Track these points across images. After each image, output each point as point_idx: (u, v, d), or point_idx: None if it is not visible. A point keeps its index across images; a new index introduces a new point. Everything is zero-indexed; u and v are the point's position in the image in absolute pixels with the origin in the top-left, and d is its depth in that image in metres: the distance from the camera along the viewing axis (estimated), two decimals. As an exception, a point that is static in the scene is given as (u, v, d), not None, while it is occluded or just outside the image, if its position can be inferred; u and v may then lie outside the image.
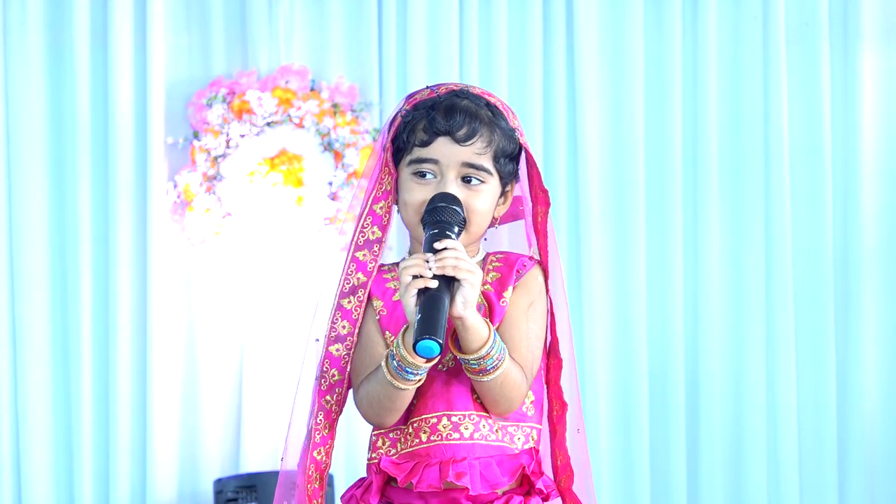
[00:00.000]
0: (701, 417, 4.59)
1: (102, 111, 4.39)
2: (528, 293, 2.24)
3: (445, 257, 2.10)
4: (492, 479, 2.18)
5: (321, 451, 2.28)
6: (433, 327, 2.05)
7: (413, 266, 2.10)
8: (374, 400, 2.19)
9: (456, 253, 2.11)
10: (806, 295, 4.63)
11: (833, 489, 4.62)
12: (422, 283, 2.08)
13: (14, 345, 4.40)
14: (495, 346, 2.13)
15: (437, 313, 2.06)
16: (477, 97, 2.23)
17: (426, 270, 2.09)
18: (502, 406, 2.20)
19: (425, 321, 2.05)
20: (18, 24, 4.39)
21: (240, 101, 4.34)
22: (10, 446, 4.40)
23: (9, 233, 4.40)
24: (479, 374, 2.15)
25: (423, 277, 2.08)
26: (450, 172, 2.21)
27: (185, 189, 4.33)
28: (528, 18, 4.54)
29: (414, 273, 2.09)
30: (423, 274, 2.09)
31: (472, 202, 2.21)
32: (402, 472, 2.20)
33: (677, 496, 4.57)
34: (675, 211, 4.57)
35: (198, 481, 4.46)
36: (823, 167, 4.61)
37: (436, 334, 2.04)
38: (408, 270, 2.10)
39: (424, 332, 2.04)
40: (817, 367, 4.63)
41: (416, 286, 2.08)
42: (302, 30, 4.50)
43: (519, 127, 2.27)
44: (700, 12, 4.60)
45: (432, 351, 2.05)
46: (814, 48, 4.63)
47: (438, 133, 2.20)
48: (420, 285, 2.08)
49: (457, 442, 2.19)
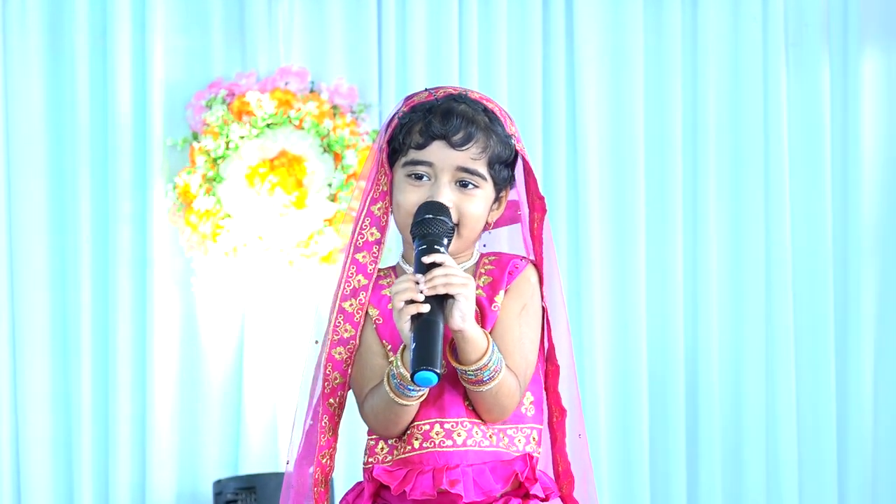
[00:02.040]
0: (700, 419, 4.59)
1: (102, 113, 4.39)
2: (521, 296, 2.23)
3: (435, 276, 2.09)
4: (485, 486, 2.17)
5: (326, 454, 2.28)
6: (430, 358, 2.04)
7: (405, 291, 2.08)
8: (379, 414, 2.19)
9: (445, 270, 2.10)
10: (805, 297, 4.63)
11: (832, 490, 4.62)
12: (414, 308, 2.07)
13: (14, 346, 4.40)
14: (493, 357, 2.13)
15: (432, 341, 2.05)
16: (475, 102, 2.23)
17: (417, 294, 2.08)
18: (495, 414, 2.19)
19: (421, 351, 2.04)
20: (18, 25, 4.39)
21: (239, 103, 4.34)
22: (10, 447, 4.40)
23: (9, 234, 4.40)
24: (476, 385, 2.15)
25: (415, 303, 2.07)
26: (444, 176, 2.20)
27: (185, 190, 4.33)
28: (527, 19, 4.54)
29: (405, 298, 2.08)
30: (414, 298, 2.07)
31: (465, 206, 2.20)
32: (395, 479, 2.19)
33: (677, 497, 4.56)
34: (675, 213, 4.57)
35: (197, 482, 4.46)
36: (823, 168, 4.61)
37: (433, 365, 2.03)
38: (400, 296, 2.09)
39: (421, 364, 2.03)
40: (817, 367, 4.62)
41: (408, 313, 2.08)
42: (301, 31, 4.50)
43: (516, 133, 2.26)
44: (700, 13, 4.60)
45: (430, 381, 2.04)
46: (813, 49, 4.62)
47: (434, 136, 2.19)
48: (413, 311, 2.07)
49: (449, 449, 2.19)
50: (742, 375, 4.62)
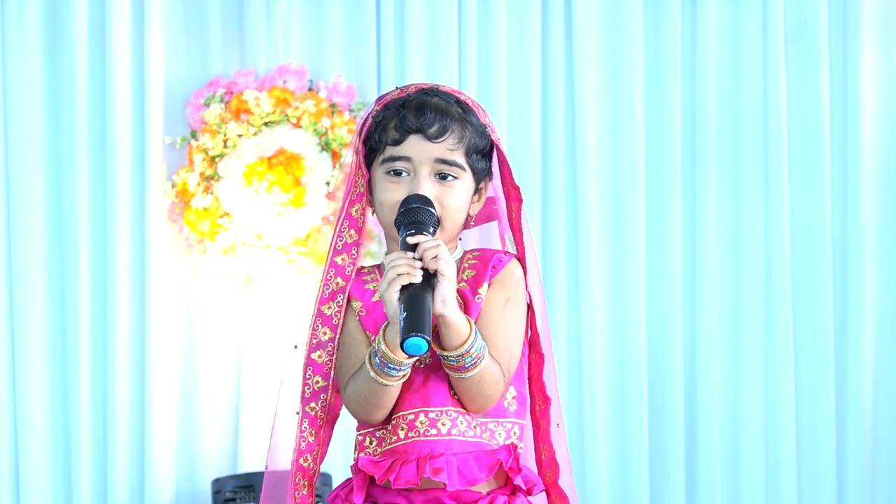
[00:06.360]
0: (699, 418, 4.58)
1: (100, 111, 4.40)
2: (505, 289, 2.24)
3: (428, 248, 2.11)
4: (469, 476, 2.18)
5: (307, 458, 2.28)
6: (420, 324, 2.05)
7: (403, 265, 2.10)
8: (360, 398, 2.20)
9: (437, 242, 2.12)
10: (804, 296, 4.62)
11: (832, 490, 4.60)
12: (407, 278, 2.08)
13: (12, 344, 4.41)
14: (475, 343, 2.14)
15: (422, 310, 2.06)
16: (447, 94, 2.24)
17: (413, 269, 2.09)
18: (479, 403, 2.19)
19: (412, 318, 2.05)
20: (16, 23, 4.40)
21: (237, 101, 4.35)
22: (9, 446, 4.41)
23: (7, 232, 4.40)
24: (458, 371, 2.15)
25: (408, 274, 2.09)
26: (423, 169, 2.21)
27: (183, 189, 4.34)
28: (526, 18, 4.54)
29: (402, 271, 2.09)
30: (409, 272, 2.09)
31: (445, 198, 2.21)
32: (379, 469, 2.20)
33: (676, 497, 4.56)
34: (674, 211, 4.56)
35: (196, 481, 4.46)
36: (822, 168, 4.60)
37: (423, 331, 2.04)
38: (397, 268, 2.10)
39: (412, 330, 2.04)
40: (816, 366, 4.61)
41: (400, 282, 2.08)
42: (300, 29, 4.50)
43: (490, 124, 2.27)
44: (699, 12, 4.59)
45: (420, 348, 2.04)
46: (813, 48, 4.61)
47: (410, 131, 2.21)
48: (405, 281, 2.08)
49: (434, 438, 2.19)
50: (741, 375, 4.61)
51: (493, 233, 2.37)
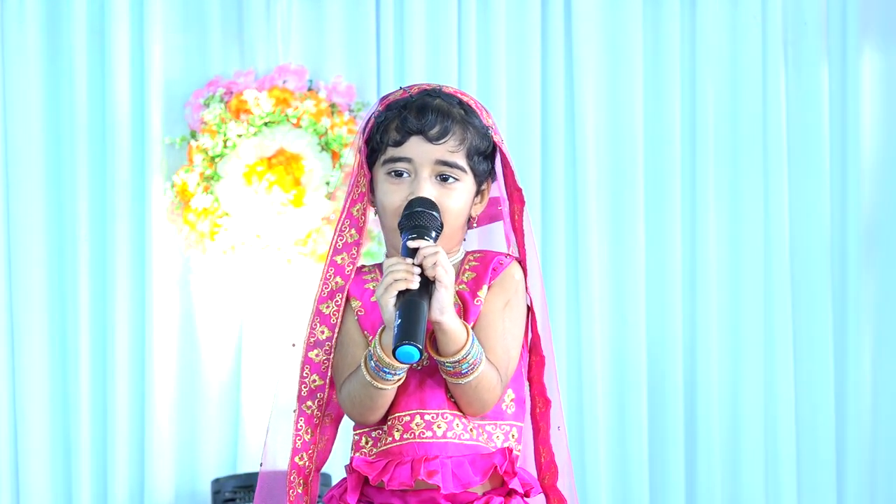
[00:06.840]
0: (699, 418, 4.57)
1: (100, 111, 4.39)
2: (504, 292, 2.24)
3: (428, 254, 2.10)
4: (464, 478, 2.17)
5: (303, 456, 2.27)
6: (413, 333, 2.04)
7: (401, 270, 2.09)
8: (355, 399, 2.19)
9: (436, 249, 2.11)
10: (804, 297, 4.62)
11: (831, 490, 4.60)
12: (403, 284, 2.08)
13: (12, 345, 4.41)
14: (472, 350, 2.13)
15: (417, 318, 2.06)
16: (449, 96, 2.24)
17: (411, 275, 2.09)
18: (476, 407, 2.19)
19: (405, 326, 2.05)
20: (16, 23, 4.40)
21: (237, 101, 4.34)
22: (9, 446, 4.40)
23: (6, 232, 4.40)
24: (455, 377, 2.15)
25: (405, 280, 2.08)
26: (423, 171, 2.21)
27: (183, 189, 4.34)
28: (526, 18, 4.54)
29: (399, 277, 2.09)
30: (407, 277, 2.08)
31: (446, 200, 2.21)
32: (373, 470, 2.20)
33: (675, 497, 4.55)
34: (674, 211, 4.56)
35: (195, 481, 4.46)
36: (822, 168, 4.60)
37: (416, 340, 2.04)
38: (395, 274, 2.09)
39: (404, 338, 2.04)
40: (815, 366, 4.61)
41: (397, 287, 2.08)
42: (299, 29, 4.50)
43: (493, 125, 2.27)
44: (698, 12, 4.59)
45: (412, 357, 2.04)
46: (812, 48, 4.61)
47: (411, 132, 2.21)
48: (402, 287, 2.08)
49: (429, 440, 2.18)
50: (741, 374, 4.60)
51: (496, 233, 2.36)
